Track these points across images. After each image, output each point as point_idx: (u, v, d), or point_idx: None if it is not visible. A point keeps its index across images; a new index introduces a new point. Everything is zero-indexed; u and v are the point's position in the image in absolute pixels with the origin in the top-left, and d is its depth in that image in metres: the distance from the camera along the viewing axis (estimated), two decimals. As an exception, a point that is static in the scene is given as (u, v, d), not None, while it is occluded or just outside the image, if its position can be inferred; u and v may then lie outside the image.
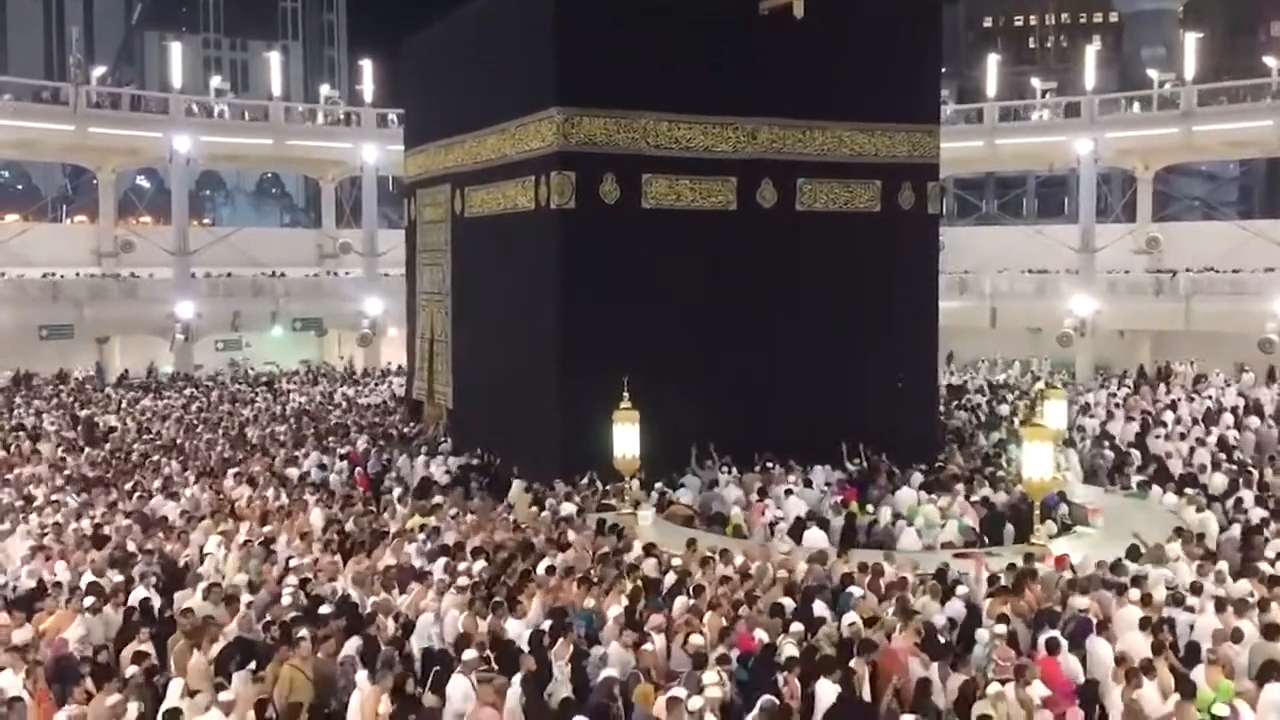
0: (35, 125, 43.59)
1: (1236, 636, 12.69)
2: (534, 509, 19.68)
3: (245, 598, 14.20)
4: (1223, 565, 15.70)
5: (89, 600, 13.78)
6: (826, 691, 11.18)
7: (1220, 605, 13.68)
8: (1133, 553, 16.21)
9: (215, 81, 51.84)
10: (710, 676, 11.23)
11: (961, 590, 14.40)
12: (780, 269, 22.79)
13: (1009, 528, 18.64)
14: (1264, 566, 15.88)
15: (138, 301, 43.61)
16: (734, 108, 23.35)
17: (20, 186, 54.35)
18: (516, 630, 13.12)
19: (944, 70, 36.72)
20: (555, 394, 22.67)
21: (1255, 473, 23.06)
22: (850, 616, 13.28)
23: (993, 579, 14.86)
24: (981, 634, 12.90)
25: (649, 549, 16.39)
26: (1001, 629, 12.66)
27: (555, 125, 22.66)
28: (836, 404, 22.23)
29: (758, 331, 22.22)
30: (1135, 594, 14.10)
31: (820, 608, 13.80)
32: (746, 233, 23.04)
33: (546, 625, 13.13)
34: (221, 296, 44.95)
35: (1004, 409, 31.54)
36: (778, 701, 10.80)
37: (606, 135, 22.83)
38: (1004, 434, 26.75)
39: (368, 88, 50.48)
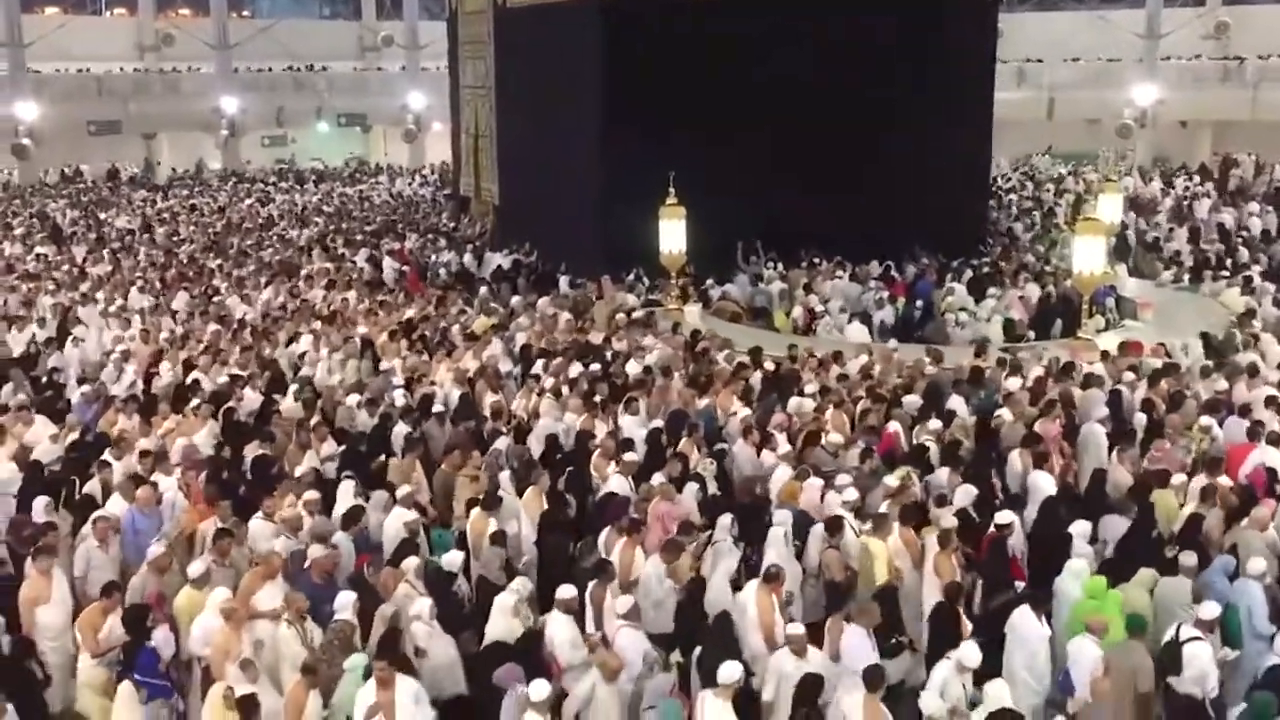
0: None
1: None
2: (605, 310, 19.55)
3: (354, 398, 14.36)
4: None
5: (194, 402, 13.99)
6: (1045, 482, 11.46)
7: None
8: (1206, 342, 16.39)
9: None
10: (892, 480, 11.39)
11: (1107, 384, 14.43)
12: (831, 58, 22.06)
13: (1058, 322, 18.66)
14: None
15: (181, 96, 43.40)
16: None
17: (57, -22, 53.24)
18: (634, 430, 13.17)
19: None
20: (600, 189, 22.48)
21: (1245, 251, 23.53)
22: (1004, 412, 13.32)
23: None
24: (1140, 418, 13.10)
25: (755, 352, 16.05)
26: (1207, 420, 12.82)
27: (599, -94, 21.76)
28: (886, 198, 21.88)
29: (806, 124, 21.70)
30: (1275, 377, 14.51)
31: (955, 402, 13.87)
32: (796, 20, 22.22)
33: (659, 425, 13.21)
34: (264, 91, 44.56)
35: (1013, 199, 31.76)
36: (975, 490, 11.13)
37: (652, -84, 21.89)
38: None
39: None
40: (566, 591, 9.17)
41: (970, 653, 8.36)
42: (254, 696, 7.84)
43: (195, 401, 14.01)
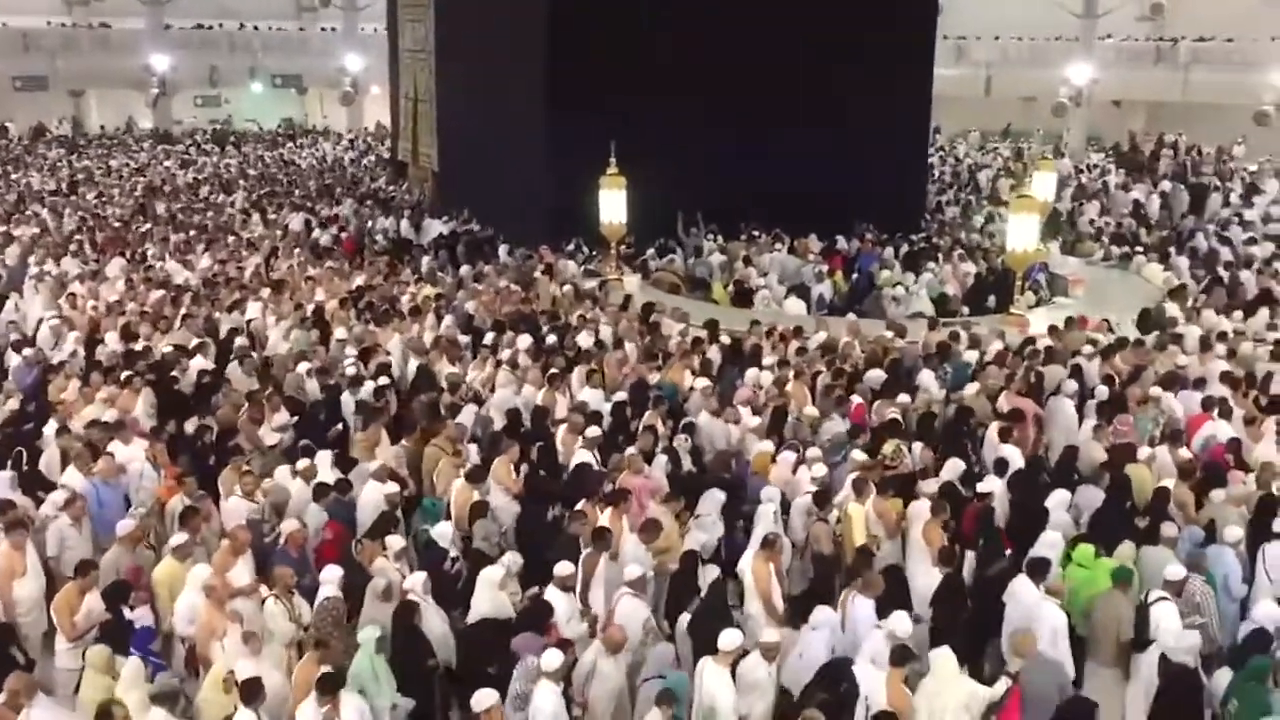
0: None
1: None
2: (553, 282, 19.25)
3: (303, 366, 14.08)
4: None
5: (125, 374, 13.49)
6: (1014, 455, 11.56)
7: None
8: (1144, 318, 16.89)
9: None
10: (859, 454, 11.39)
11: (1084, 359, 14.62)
12: (773, 32, 22.08)
13: (991, 298, 18.92)
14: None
15: (110, 53, 42.33)
16: None
17: (-21, -72, 51.54)
18: (596, 403, 12.99)
19: None
20: (542, 158, 22.26)
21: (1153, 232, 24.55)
22: (973, 386, 13.47)
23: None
24: (1102, 390, 13.31)
25: (711, 325, 15.96)
26: (1156, 391, 13.06)
27: None
28: (825, 173, 21.89)
29: (747, 98, 21.70)
30: (1222, 349, 14.92)
31: (925, 377, 13.96)
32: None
33: (623, 398, 13.07)
34: (197, 49, 43.59)
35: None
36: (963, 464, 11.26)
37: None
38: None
39: None
40: (564, 569, 9.15)
41: (901, 623, 8.49)
42: (258, 680, 7.69)
43: (127, 373, 13.52)
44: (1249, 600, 9.61)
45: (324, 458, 11.30)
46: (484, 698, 7.60)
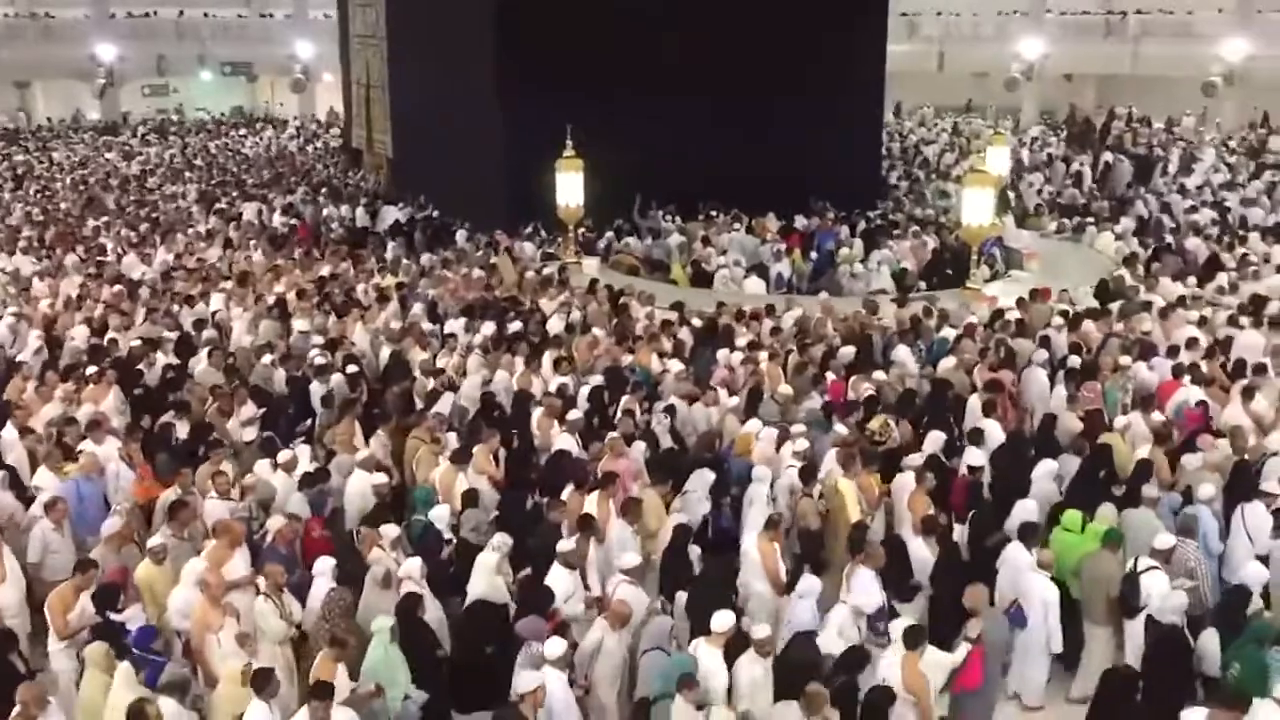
0: None
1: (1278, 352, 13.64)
2: (514, 267, 19.12)
3: (266, 358, 13.83)
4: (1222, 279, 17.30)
5: (91, 369, 13.19)
6: (993, 428, 11.65)
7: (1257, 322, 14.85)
8: (1103, 288, 17.03)
9: None
10: (841, 429, 11.49)
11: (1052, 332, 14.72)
12: (725, 9, 22.08)
13: (947, 272, 19.04)
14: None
15: (55, 43, 41.68)
16: None
17: (-84, -83, 50.48)
18: (572, 387, 12.92)
19: None
20: (498, 141, 22.16)
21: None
22: (949, 360, 13.59)
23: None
24: (1073, 360, 13.44)
25: (679, 307, 15.95)
26: (1124, 359, 13.24)
27: None
28: (781, 151, 21.96)
29: (702, 77, 21.66)
30: (1195, 315, 15.15)
31: (901, 353, 14.01)
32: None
33: (600, 382, 13.01)
34: (144, 38, 42.97)
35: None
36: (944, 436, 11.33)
37: None
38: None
39: None
40: (566, 545, 9.15)
41: (869, 597, 8.60)
42: (270, 671, 7.61)
43: (93, 369, 13.20)
44: (1223, 558, 9.80)
45: (304, 450, 11.23)
46: (529, 679, 7.60)
